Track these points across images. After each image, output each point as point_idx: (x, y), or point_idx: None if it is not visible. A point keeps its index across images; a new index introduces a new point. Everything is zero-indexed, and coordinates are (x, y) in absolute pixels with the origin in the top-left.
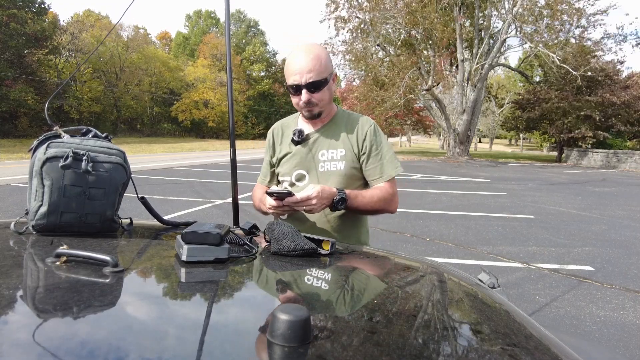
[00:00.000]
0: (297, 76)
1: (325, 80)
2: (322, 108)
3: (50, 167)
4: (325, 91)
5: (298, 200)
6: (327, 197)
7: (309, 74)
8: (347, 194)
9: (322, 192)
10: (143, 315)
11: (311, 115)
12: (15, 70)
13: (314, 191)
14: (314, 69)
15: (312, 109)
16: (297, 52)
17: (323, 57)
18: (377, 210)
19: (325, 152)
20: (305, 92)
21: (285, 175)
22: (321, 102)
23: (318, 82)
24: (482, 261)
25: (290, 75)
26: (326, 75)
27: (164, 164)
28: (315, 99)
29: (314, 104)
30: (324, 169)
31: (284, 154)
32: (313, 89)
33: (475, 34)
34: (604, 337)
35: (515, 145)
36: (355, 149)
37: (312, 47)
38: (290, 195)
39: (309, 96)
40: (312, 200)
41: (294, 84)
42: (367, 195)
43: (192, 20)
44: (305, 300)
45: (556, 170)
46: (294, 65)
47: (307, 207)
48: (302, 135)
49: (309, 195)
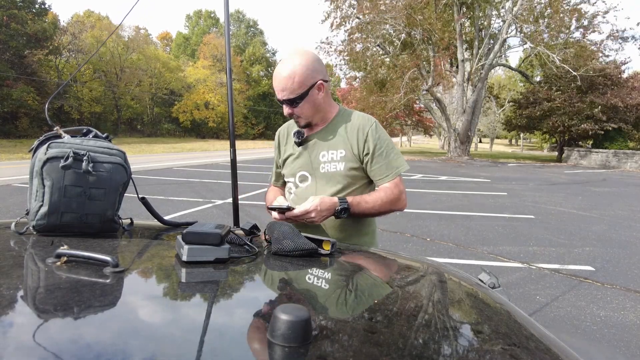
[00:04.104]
0: (277, 91)
1: (300, 96)
2: (309, 119)
3: (51, 168)
4: (304, 105)
5: (297, 214)
6: (327, 208)
7: (282, 92)
8: (349, 203)
9: (321, 205)
10: (144, 315)
11: (300, 125)
12: (15, 70)
13: (312, 205)
14: (286, 87)
15: (297, 120)
16: (279, 65)
17: (299, 72)
18: (384, 212)
19: (325, 153)
20: (285, 106)
21: (290, 177)
22: (303, 114)
23: (293, 99)
24: (483, 261)
25: (274, 87)
26: (301, 90)
27: (164, 164)
28: (296, 112)
29: (297, 116)
30: (325, 170)
31: (288, 155)
32: (290, 104)
33: (475, 34)
34: (605, 337)
35: (516, 145)
36: (355, 149)
37: (291, 60)
38: (290, 210)
39: (289, 110)
40: (311, 214)
41: (277, 96)
42: (370, 199)
43: (192, 21)
44: (306, 300)
45: (556, 170)
46: (274, 80)
47: (307, 219)
48: (302, 136)
49: (307, 209)
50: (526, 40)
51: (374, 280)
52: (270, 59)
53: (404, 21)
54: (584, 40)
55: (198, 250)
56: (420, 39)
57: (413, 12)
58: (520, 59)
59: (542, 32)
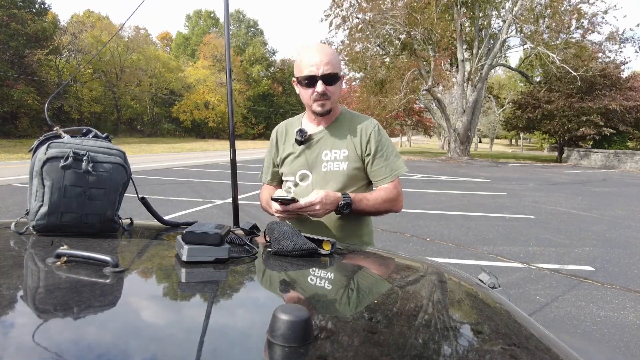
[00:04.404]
0: (314, 67)
1: (338, 76)
2: (333, 104)
3: (51, 168)
4: (337, 87)
5: (302, 206)
6: (331, 202)
7: (326, 65)
8: (352, 198)
9: (325, 198)
10: (144, 315)
11: (323, 110)
12: (15, 70)
13: (317, 197)
14: (331, 62)
15: (325, 102)
16: (311, 46)
17: (336, 54)
18: (382, 212)
19: (328, 152)
20: (320, 83)
21: (289, 175)
22: (333, 97)
23: (334, 75)
24: (483, 261)
25: (305, 66)
26: (339, 71)
27: (164, 164)
28: (329, 91)
29: (328, 97)
30: (327, 168)
31: (288, 153)
32: (329, 81)
33: (475, 34)
34: (605, 337)
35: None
36: (359, 149)
37: (325, 45)
38: (294, 201)
39: (324, 87)
40: (316, 206)
41: (309, 74)
42: (371, 198)
43: (192, 21)
44: (306, 300)
45: (556, 171)
46: (310, 57)
47: (311, 212)
48: (305, 135)
49: (313, 201)
50: (526, 40)
51: (374, 280)
52: (270, 59)
53: (404, 21)
54: (584, 41)
55: (198, 250)
56: (421, 39)
57: (413, 11)
58: (520, 59)
59: (542, 32)
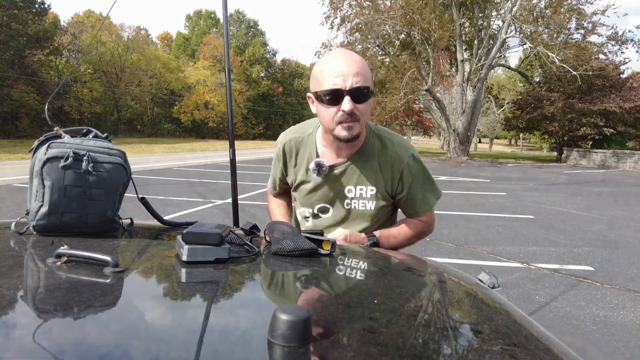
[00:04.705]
0: (340, 79)
1: (370, 91)
2: (362, 128)
3: (51, 168)
4: (368, 105)
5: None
6: (356, 242)
7: (355, 77)
8: (378, 237)
9: (351, 237)
10: (144, 315)
11: (349, 135)
12: (16, 70)
13: (342, 236)
14: (361, 72)
15: (352, 124)
16: (336, 54)
17: (367, 65)
18: (411, 244)
19: (352, 188)
20: (348, 99)
21: (306, 207)
22: (362, 118)
23: (365, 90)
24: (482, 261)
25: (328, 78)
26: (371, 85)
27: (165, 164)
28: (358, 111)
29: (357, 118)
30: (351, 206)
31: (301, 181)
32: (359, 97)
33: (475, 34)
34: (604, 337)
35: (515, 145)
36: (389, 187)
37: (352, 52)
38: (320, 234)
39: (352, 106)
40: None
41: (334, 88)
42: (400, 235)
43: (192, 21)
44: (306, 300)
45: (556, 171)
46: (334, 67)
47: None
48: (324, 171)
49: (337, 239)
50: (525, 40)
51: (374, 280)
52: (270, 59)
53: (403, 21)
54: (584, 42)
55: (198, 250)
56: (420, 39)
57: (412, 12)
58: (520, 59)
59: (542, 32)
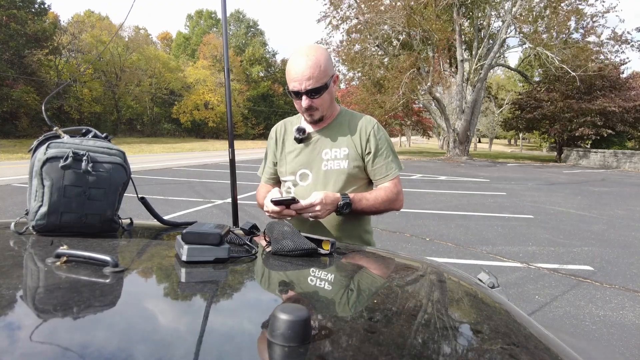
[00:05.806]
0: (297, 83)
1: (325, 86)
2: (323, 112)
3: (51, 168)
4: (325, 96)
5: (303, 206)
6: (331, 202)
7: (308, 80)
8: (351, 198)
9: (325, 199)
10: (143, 315)
11: (312, 120)
12: (15, 70)
13: (317, 198)
14: (312, 75)
15: (313, 113)
16: (296, 56)
17: (322, 61)
18: (382, 211)
19: (328, 150)
20: (305, 98)
21: (289, 175)
22: (322, 107)
23: (318, 88)
24: (482, 261)
25: (290, 80)
26: (326, 80)
27: (164, 164)
28: (315, 104)
29: (315, 109)
30: (327, 167)
31: (287, 151)
32: (313, 94)
33: (474, 34)
34: (604, 337)
35: (515, 145)
36: (359, 148)
37: (312, 50)
38: (295, 202)
39: (309, 102)
40: (317, 207)
41: (293, 90)
42: (371, 197)
43: (192, 21)
44: (305, 300)
45: (556, 170)
46: (293, 71)
47: (312, 213)
48: (304, 133)
49: (313, 202)
50: (525, 40)
51: (374, 279)
52: (270, 59)
53: (403, 21)
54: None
55: (198, 250)
56: (420, 40)
57: (412, 12)
58: (520, 59)
59: (542, 32)
